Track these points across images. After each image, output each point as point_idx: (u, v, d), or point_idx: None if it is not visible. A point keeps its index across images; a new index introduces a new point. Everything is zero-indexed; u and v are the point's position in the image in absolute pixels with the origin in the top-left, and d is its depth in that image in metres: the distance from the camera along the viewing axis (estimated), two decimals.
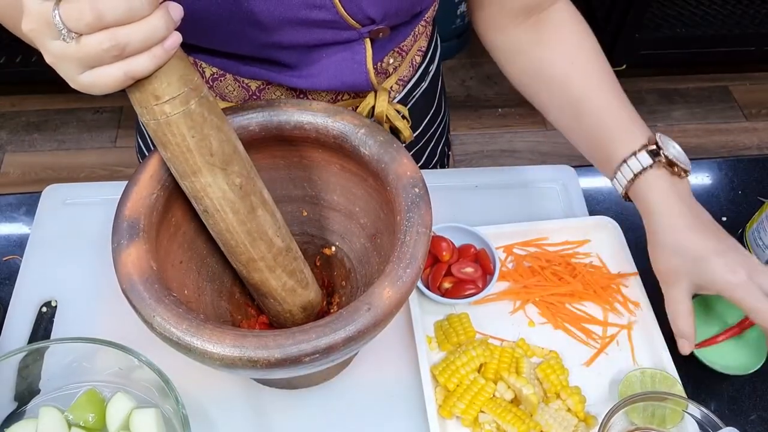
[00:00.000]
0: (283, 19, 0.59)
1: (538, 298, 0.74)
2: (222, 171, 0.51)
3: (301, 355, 0.47)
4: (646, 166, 0.64)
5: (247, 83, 0.69)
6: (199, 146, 0.49)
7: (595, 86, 0.68)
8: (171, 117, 0.47)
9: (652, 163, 0.64)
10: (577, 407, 0.65)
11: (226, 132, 0.51)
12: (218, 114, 0.50)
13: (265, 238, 0.56)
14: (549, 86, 0.70)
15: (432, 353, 0.71)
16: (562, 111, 0.71)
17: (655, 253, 0.66)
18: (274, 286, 0.59)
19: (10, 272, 0.77)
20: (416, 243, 0.53)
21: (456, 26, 2.23)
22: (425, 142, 0.91)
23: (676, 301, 0.64)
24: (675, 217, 0.63)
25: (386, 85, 0.75)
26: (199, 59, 0.68)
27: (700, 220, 0.64)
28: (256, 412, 0.66)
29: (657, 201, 0.64)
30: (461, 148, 2.08)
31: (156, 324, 0.49)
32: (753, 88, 2.29)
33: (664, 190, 0.64)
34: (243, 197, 0.53)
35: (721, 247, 0.62)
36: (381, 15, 0.62)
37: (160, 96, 0.46)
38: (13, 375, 0.62)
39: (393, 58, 0.73)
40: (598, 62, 0.69)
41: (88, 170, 2.00)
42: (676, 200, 0.64)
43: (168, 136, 0.48)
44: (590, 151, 0.71)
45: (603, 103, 0.68)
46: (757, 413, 0.69)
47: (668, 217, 0.64)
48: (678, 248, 0.63)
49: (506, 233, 0.78)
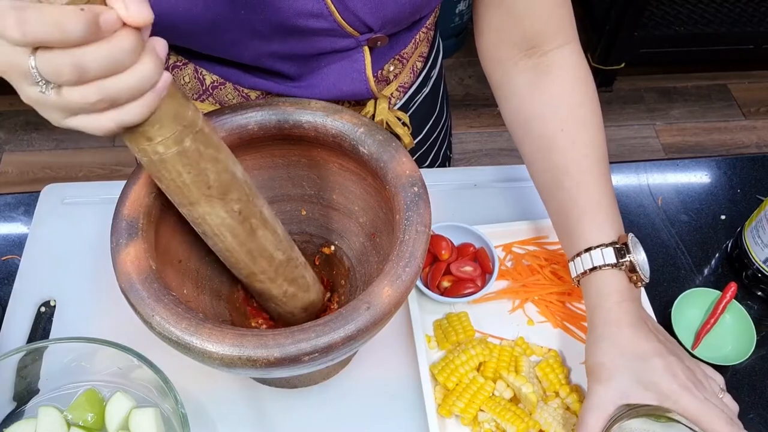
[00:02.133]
0: (280, 28, 0.59)
1: (537, 296, 0.74)
2: (220, 200, 0.50)
3: (301, 354, 0.47)
4: (608, 263, 0.61)
5: (247, 93, 0.69)
6: (196, 181, 0.48)
7: (579, 161, 0.64)
8: (165, 156, 0.45)
9: (615, 263, 0.61)
10: (576, 406, 0.65)
11: (223, 161, 0.49)
12: (215, 144, 0.48)
13: (266, 255, 0.55)
14: (534, 142, 0.67)
15: (431, 352, 0.71)
16: (541, 172, 0.67)
17: (594, 346, 0.61)
18: (276, 294, 0.59)
19: (9, 272, 0.77)
20: (415, 242, 0.53)
21: (454, 25, 2.23)
22: (428, 148, 0.91)
23: (600, 399, 0.58)
24: (623, 314, 0.60)
25: (386, 92, 0.74)
26: (199, 66, 0.68)
27: (648, 325, 0.61)
28: (255, 411, 0.66)
29: (608, 296, 0.61)
30: (460, 146, 2.08)
31: (155, 323, 0.49)
32: (752, 86, 2.29)
33: (618, 291, 0.61)
34: (242, 222, 0.52)
35: (665, 350, 0.59)
36: (379, 24, 0.62)
37: (152, 138, 0.43)
38: (12, 375, 0.62)
39: (393, 66, 0.72)
40: (590, 131, 0.65)
41: (86, 169, 2.00)
42: (627, 301, 0.61)
43: (163, 173, 0.47)
44: (557, 222, 0.67)
45: (583, 182, 0.64)
46: (756, 412, 0.69)
47: (616, 314, 0.60)
48: (620, 344, 0.59)
49: (505, 232, 0.78)
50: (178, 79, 0.70)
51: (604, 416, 0.57)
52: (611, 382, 0.58)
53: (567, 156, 0.64)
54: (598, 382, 0.59)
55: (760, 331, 0.72)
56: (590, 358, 0.61)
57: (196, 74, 0.69)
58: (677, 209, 0.85)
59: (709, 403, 0.56)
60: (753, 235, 0.76)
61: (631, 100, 2.24)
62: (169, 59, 0.69)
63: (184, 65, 0.69)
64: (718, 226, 0.84)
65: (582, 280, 0.64)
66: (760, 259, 0.75)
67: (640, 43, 2.13)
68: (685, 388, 0.56)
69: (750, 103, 2.24)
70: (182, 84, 0.70)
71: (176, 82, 0.43)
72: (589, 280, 0.63)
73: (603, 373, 0.59)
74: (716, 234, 0.83)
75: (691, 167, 0.91)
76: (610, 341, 0.60)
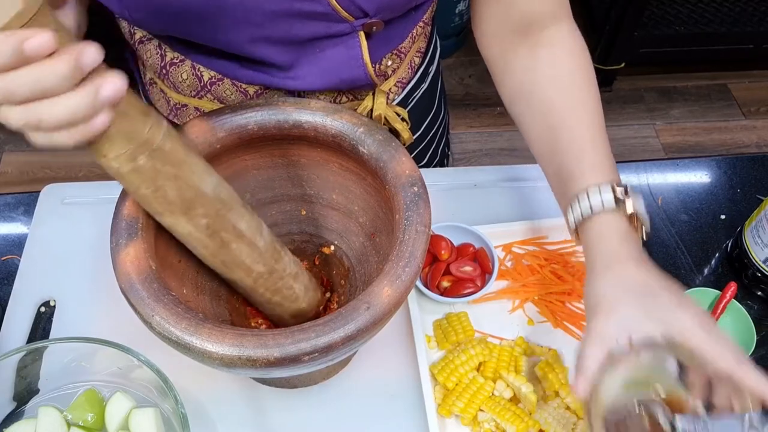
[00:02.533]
0: (274, 11, 0.59)
1: (537, 296, 0.74)
2: (183, 215, 0.50)
3: (300, 354, 0.47)
4: (606, 205, 0.57)
5: (245, 88, 0.69)
6: (156, 196, 0.48)
7: (577, 117, 0.64)
8: (120, 171, 0.45)
9: (615, 206, 0.57)
10: (576, 405, 0.65)
11: (185, 178, 0.48)
12: (177, 161, 0.47)
13: (243, 267, 0.55)
14: (532, 110, 0.67)
15: (431, 352, 0.71)
16: (539, 137, 0.67)
17: (594, 282, 0.55)
18: (259, 301, 0.60)
19: (9, 272, 0.77)
20: (415, 242, 0.53)
21: (454, 24, 2.23)
22: (426, 145, 0.91)
23: (601, 330, 0.52)
24: (625, 251, 0.55)
25: (385, 87, 0.75)
26: (197, 62, 0.68)
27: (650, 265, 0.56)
28: (255, 411, 0.66)
29: (609, 238, 0.57)
30: (460, 146, 2.08)
31: (155, 323, 0.49)
32: (752, 86, 2.29)
33: (619, 233, 0.57)
34: (211, 235, 0.52)
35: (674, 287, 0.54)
36: (374, 8, 0.62)
37: (105, 154, 0.44)
38: (12, 375, 0.62)
39: (392, 60, 0.73)
40: (587, 92, 0.65)
41: (86, 169, 2.00)
42: (630, 242, 0.56)
43: (124, 184, 0.47)
44: (555, 179, 0.65)
45: (579, 134, 0.62)
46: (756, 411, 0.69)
47: (617, 251, 0.56)
48: (624, 277, 0.54)
49: (505, 232, 0.78)
50: (176, 75, 0.70)
51: (604, 349, 0.51)
52: (613, 314, 0.52)
53: (565, 115, 0.64)
54: (598, 315, 0.53)
55: (760, 330, 0.72)
56: (590, 296, 0.55)
57: (193, 70, 0.69)
58: (677, 209, 0.85)
59: (720, 340, 0.50)
60: (753, 234, 0.76)
61: (631, 100, 2.24)
62: (166, 56, 0.69)
63: (181, 62, 0.69)
64: (718, 225, 0.84)
65: (580, 228, 0.60)
66: (760, 258, 0.75)
67: (640, 42, 2.13)
68: (695, 323, 0.51)
69: (750, 102, 2.24)
70: (180, 81, 0.70)
71: (136, 96, 0.44)
72: (587, 227, 0.59)
73: (605, 305, 0.53)
74: (716, 234, 0.83)
75: (691, 167, 0.91)
76: (613, 275, 0.54)
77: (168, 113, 0.75)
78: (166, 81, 0.71)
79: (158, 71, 0.71)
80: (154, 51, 0.70)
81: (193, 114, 0.73)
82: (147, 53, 0.70)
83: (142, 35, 0.70)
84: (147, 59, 0.71)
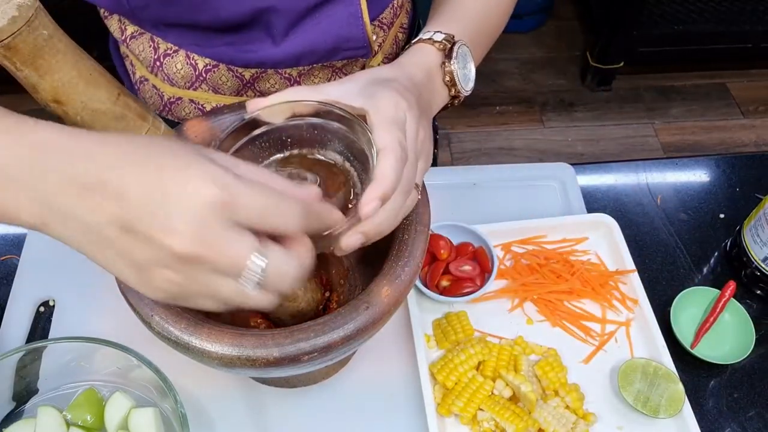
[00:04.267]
0: None
1: (536, 295, 0.74)
2: None
3: (300, 353, 0.47)
4: (435, 38, 0.57)
5: (241, 72, 0.69)
6: None
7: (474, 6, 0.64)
8: None
9: (439, 46, 0.57)
10: (575, 404, 0.65)
11: None
12: None
13: None
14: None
15: (430, 351, 0.71)
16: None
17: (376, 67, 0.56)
18: None
19: (8, 272, 0.77)
20: (414, 241, 0.53)
21: None
22: None
23: (320, 87, 0.51)
24: (413, 69, 0.55)
25: (374, 62, 0.75)
26: (191, 51, 0.68)
27: (410, 88, 0.53)
28: (254, 411, 0.66)
29: (414, 52, 0.57)
30: (459, 146, 2.08)
31: (154, 323, 0.49)
32: (750, 85, 2.30)
33: (427, 72, 0.56)
34: None
35: (414, 101, 0.51)
36: None
37: None
38: (11, 375, 0.62)
39: (376, 35, 0.73)
40: (496, 6, 0.67)
41: None
42: (423, 70, 0.56)
43: None
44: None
45: (462, 13, 0.63)
46: (756, 410, 0.69)
47: (409, 61, 0.56)
48: (384, 70, 0.54)
49: (504, 231, 0.78)
50: (170, 67, 0.70)
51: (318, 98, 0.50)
52: (342, 83, 0.52)
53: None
54: (340, 82, 0.52)
55: (759, 329, 0.72)
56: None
57: (188, 60, 0.69)
58: (676, 208, 0.86)
59: (403, 142, 0.47)
60: (752, 233, 0.76)
61: (629, 99, 2.24)
62: (159, 48, 0.69)
63: (175, 53, 0.69)
64: (717, 224, 0.84)
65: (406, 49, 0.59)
66: (759, 257, 0.75)
67: (639, 42, 2.13)
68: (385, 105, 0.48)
69: (749, 101, 2.24)
70: (174, 72, 0.70)
71: (134, 97, 0.43)
72: (411, 48, 0.59)
73: (348, 78, 0.53)
74: (715, 233, 0.83)
75: (690, 166, 0.91)
76: (385, 66, 0.55)
77: (161, 109, 0.75)
78: (159, 74, 0.71)
79: (151, 65, 0.71)
80: (147, 45, 0.70)
81: (188, 107, 0.73)
82: (139, 47, 0.70)
83: (134, 30, 0.70)
84: (139, 53, 0.71)
